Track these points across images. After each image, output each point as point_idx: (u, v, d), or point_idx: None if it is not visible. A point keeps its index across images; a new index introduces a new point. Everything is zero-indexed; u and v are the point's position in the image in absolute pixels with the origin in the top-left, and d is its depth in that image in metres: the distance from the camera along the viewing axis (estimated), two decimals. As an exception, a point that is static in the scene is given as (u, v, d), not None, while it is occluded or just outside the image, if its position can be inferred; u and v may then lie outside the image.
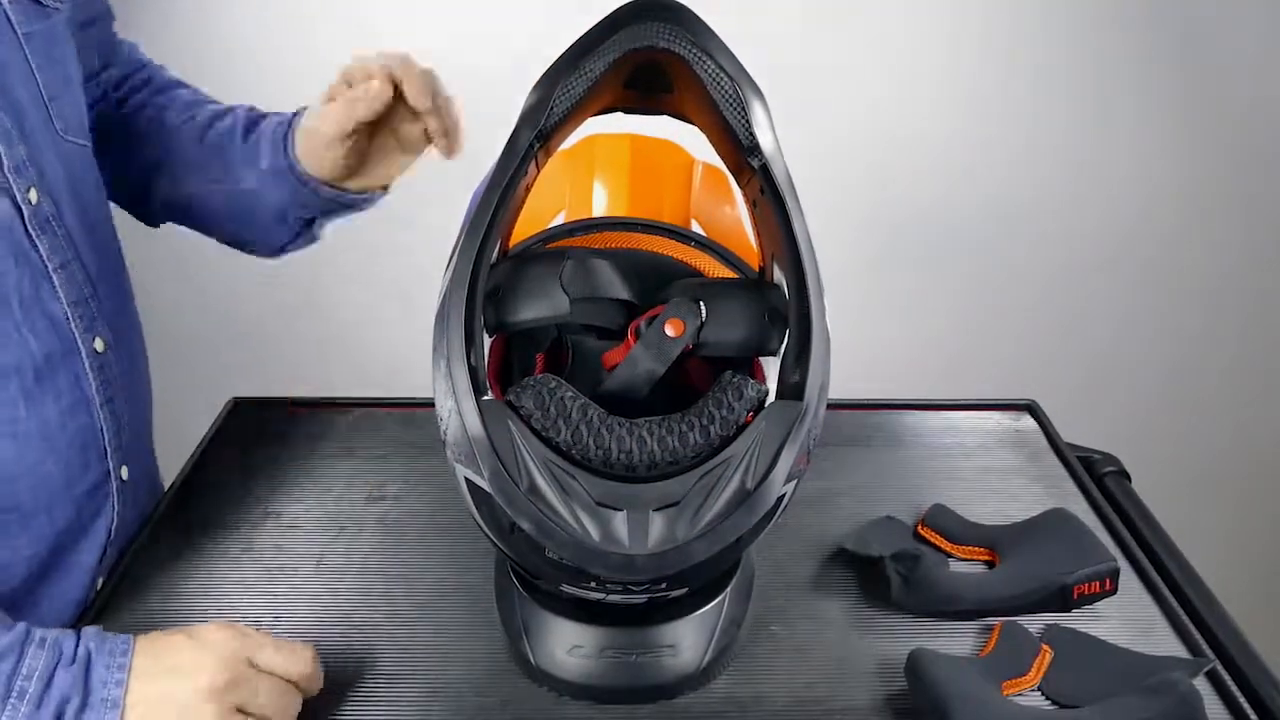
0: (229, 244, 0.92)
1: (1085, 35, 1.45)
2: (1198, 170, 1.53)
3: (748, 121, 0.59)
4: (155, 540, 0.80)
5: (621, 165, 0.88)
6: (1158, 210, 1.56)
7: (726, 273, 0.71)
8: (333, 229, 0.90)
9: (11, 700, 0.56)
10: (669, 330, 0.61)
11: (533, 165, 0.60)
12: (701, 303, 0.62)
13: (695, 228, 0.85)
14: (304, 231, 0.88)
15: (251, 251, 0.92)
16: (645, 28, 0.58)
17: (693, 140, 0.71)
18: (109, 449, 0.76)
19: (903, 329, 1.63)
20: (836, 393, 0.63)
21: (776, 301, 0.62)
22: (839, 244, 1.01)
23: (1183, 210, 1.56)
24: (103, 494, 0.77)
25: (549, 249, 0.69)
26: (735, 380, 0.58)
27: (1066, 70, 1.47)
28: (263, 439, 0.93)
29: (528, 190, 0.62)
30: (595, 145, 0.91)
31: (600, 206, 0.87)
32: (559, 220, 0.89)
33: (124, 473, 0.78)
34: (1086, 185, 1.55)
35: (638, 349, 0.61)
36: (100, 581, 0.78)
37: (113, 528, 0.78)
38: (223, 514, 0.84)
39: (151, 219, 0.93)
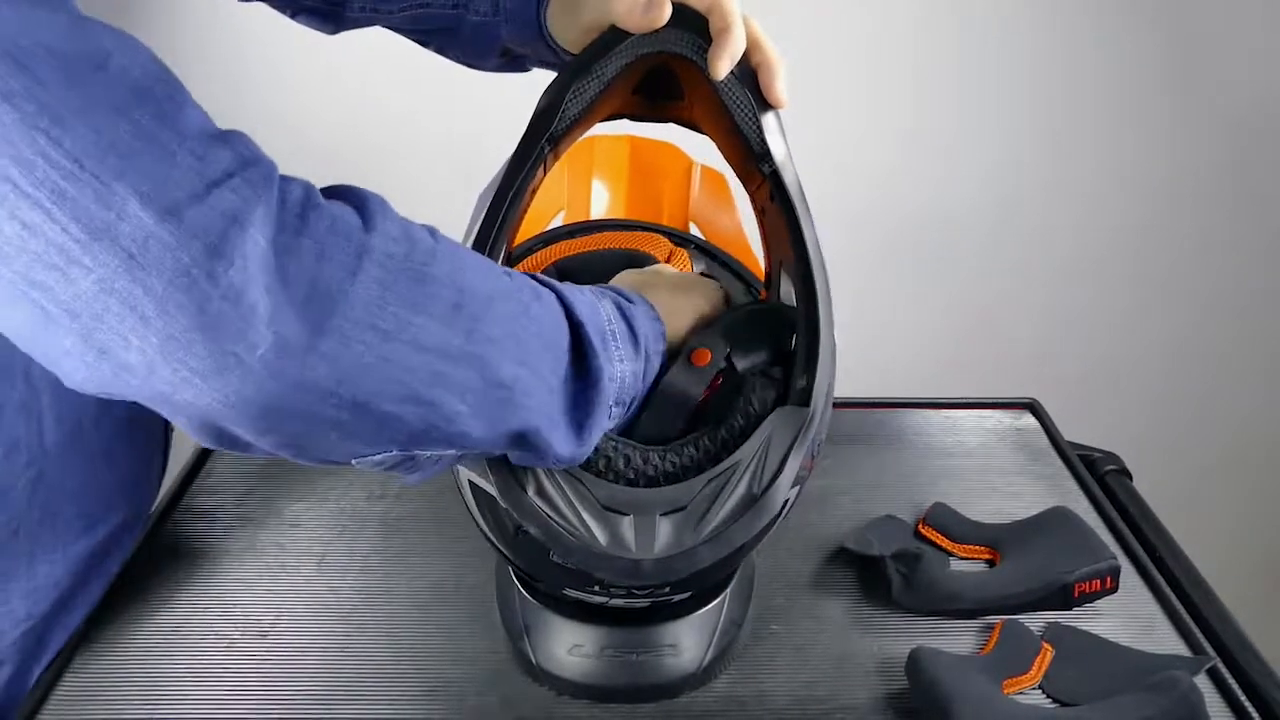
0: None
1: (1086, 35, 1.45)
2: (1199, 169, 1.53)
3: (759, 127, 0.59)
4: (156, 537, 0.80)
5: (621, 167, 0.88)
6: (1159, 209, 1.56)
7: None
8: None
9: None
10: (695, 361, 0.60)
11: (541, 169, 0.60)
12: (722, 335, 0.62)
13: (694, 230, 0.85)
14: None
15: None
16: (658, 32, 0.58)
17: (692, 142, 0.71)
18: None
19: (904, 327, 1.63)
20: (837, 391, 0.63)
21: (786, 312, 0.63)
22: (840, 242, 1.01)
23: (1184, 209, 1.56)
24: (155, 440, 0.78)
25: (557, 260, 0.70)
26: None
27: (1067, 70, 1.47)
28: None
29: (534, 193, 0.62)
30: (595, 146, 0.91)
31: (599, 208, 0.88)
32: (558, 220, 0.90)
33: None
34: (1088, 184, 1.55)
35: (671, 375, 0.60)
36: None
37: (162, 471, 0.79)
38: (225, 511, 0.84)
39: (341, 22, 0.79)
